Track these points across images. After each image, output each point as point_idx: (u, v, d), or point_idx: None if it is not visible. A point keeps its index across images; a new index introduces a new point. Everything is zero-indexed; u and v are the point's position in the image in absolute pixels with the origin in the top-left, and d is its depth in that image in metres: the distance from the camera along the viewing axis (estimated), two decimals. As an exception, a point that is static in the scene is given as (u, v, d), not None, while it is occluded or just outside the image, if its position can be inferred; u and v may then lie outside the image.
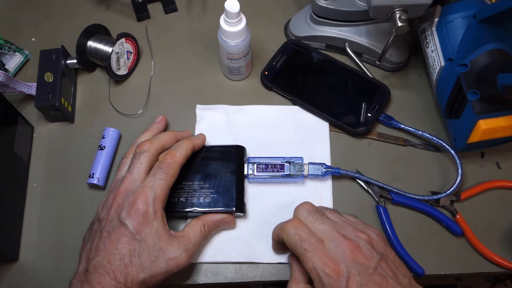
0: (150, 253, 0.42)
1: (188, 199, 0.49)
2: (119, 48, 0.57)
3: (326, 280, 0.39)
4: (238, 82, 0.60)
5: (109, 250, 0.41)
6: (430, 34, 0.54)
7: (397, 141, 0.56)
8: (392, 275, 0.40)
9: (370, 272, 0.39)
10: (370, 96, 0.57)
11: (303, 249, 0.40)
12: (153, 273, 0.41)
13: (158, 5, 0.66)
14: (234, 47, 0.53)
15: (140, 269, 0.41)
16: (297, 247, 0.41)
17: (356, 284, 0.38)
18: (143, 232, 0.42)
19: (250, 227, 0.51)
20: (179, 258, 0.43)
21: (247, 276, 0.50)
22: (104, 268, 0.40)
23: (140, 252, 0.41)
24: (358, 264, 0.39)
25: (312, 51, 0.61)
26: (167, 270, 0.42)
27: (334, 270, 0.39)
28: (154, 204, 0.43)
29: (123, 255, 0.41)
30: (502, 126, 0.48)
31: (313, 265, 0.40)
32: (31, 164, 0.55)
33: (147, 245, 0.42)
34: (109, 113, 0.58)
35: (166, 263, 0.42)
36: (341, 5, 0.56)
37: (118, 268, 0.40)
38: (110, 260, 0.41)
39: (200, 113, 0.57)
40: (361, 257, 0.40)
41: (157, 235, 0.42)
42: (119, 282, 0.40)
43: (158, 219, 0.43)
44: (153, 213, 0.43)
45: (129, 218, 0.42)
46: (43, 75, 0.54)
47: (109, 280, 0.39)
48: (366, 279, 0.39)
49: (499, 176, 0.55)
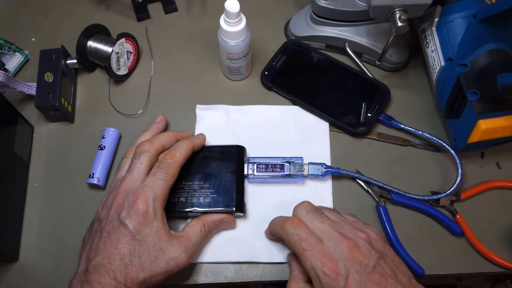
0: (150, 253, 0.42)
1: (188, 199, 0.49)
2: (119, 48, 0.57)
3: (325, 279, 0.39)
4: (238, 82, 0.60)
5: (109, 250, 0.41)
6: (430, 34, 0.54)
7: (397, 141, 0.56)
8: (392, 274, 0.40)
9: (369, 270, 0.39)
10: (370, 96, 0.57)
11: (302, 248, 0.40)
12: (153, 273, 0.41)
13: (158, 5, 0.66)
14: (234, 47, 0.53)
15: (140, 269, 0.41)
16: (296, 246, 0.41)
17: (355, 283, 0.38)
18: (143, 232, 0.42)
19: (250, 227, 0.51)
20: (179, 258, 0.43)
21: (247, 276, 0.50)
22: (104, 268, 0.40)
23: (140, 252, 0.41)
24: (357, 263, 0.39)
25: (312, 51, 0.61)
26: (167, 270, 0.42)
27: (332, 269, 0.39)
28: (154, 204, 0.43)
29: (123, 255, 0.41)
30: (502, 126, 0.48)
31: (311, 264, 0.40)
32: (31, 164, 0.55)
33: (147, 245, 0.42)
34: (109, 113, 0.58)
35: (166, 263, 0.42)
36: (341, 5, 0.56)
37: (118, 268, 0.40)
38: (110, 260, 0.41)
39: (200, 113, 0.57)
40: (360, 255, 0.40)
41: (157, 235, 0.42)
42: (119, 282, 0.40)
43: (158, 219, 0.43)
44: (153, 213, 0.43)
45: (129, 218, 0.42)
46: (43, 75, 0.54)
47: (109, 280, 0.39)
48: (365, 277, 0.39)
49: (499, 176, 0.55)
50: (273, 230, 0.46)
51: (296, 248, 0.41)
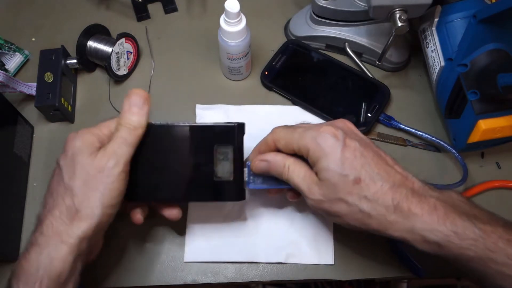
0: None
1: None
2: (119, 48, 0.57)
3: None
4: (238, 82, 0.60)
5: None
6: (430, 34, 0.54)
7: (397, 141, 0.56)
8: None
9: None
10: (370, 96, 0.57)
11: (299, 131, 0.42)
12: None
13: (158, 5, 0.66)
14: (234, 47, 0.53)
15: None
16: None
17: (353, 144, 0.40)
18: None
19: (250, 227, 0.51)
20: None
21: (247, 276, 0.50)
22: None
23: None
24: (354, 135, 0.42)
25: (312, 51, 0.61)
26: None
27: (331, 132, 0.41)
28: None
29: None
30: (502, 126, 0.48)
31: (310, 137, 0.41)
32: (31, 164, 0.55)
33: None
34: (109, 113, 0.58)
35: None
36: (341, 5, 0.56)
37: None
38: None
39: (200, 113, 0.57)
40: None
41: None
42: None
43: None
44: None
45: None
46: (43, 75, 0.54)
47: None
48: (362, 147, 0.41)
49: (499, 176, 0.55)
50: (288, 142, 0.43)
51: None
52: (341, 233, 0.50)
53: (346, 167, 0.39)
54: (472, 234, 0.36)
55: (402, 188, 0.39)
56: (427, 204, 0.38)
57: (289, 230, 0.51)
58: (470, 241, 0.36)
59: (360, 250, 0.50)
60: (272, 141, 0.44)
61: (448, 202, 0.39)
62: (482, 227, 0.37)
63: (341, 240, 0.50)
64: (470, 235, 0.36)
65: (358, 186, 0.39)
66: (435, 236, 0.37)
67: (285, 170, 0.42)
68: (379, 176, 0.39)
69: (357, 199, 0.39)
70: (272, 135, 0.44)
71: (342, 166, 0.39)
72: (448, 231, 0.37)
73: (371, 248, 0.50)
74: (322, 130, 0.41)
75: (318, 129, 0.41)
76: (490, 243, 0.36)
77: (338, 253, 0.50)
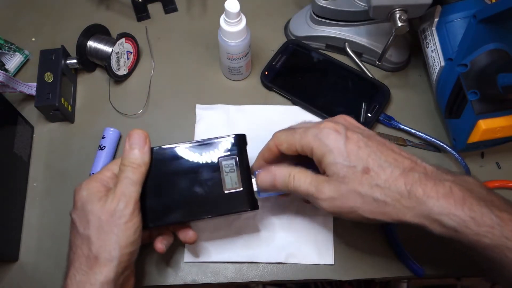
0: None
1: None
2: (119, 48, 0.57)
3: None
4: (238, 82, 0.60)
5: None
6: (430, 34, 0.54)
7: (397, 141, 0.56)
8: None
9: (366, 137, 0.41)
10: (370, 96, 0.57)
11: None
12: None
13: (158, 5, 0.66)
14: (234, 47, 0.53)
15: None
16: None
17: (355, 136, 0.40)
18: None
19: (250, 227, 0.51)
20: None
21: (247, 276, 0.50)
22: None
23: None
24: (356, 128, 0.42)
25: (312, 51, 0.61)
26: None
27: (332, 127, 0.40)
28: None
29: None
30: (502, 126, 0.48)
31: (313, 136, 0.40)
32: (31, 164, 0.55)
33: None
34: (109, 113, 0.58)
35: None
36: (341, 5, 0.56)
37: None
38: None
39: (200, 113, 0.57)
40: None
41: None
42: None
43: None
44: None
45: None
46: (43, 75, 0.54)
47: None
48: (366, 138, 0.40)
49: (499, 176, 0.55)
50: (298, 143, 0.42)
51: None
52: (341, 233, 0.50)
53: (352, 159, 0.39)
54: (489, 220, 0.35)
55: (414, 173, 0.38)
56: (443, 187, 0.37)
57: (289, 230, 0.51)
58: (487, 228, 0.35)
59: (360, 250, 0.50)
60: (275, 146, 0.44)
61: (464, 186, 0.37)
62: (499, 214, 0.35)
63: (341, 240, 0.50)
64: (487, 221, 0.35)
65: (368, 176, 0.38)
66: (452, 221, 0.36)
67: (291, 179, 0.42)
68: (388, 163, 0.38)
69: (368, 188, 0.38)
70: (274, 139, 0.44)
71: (348, 158, 0.39)
72: (465, 216, 0.35)
73: (371, 248, 0.50)
74: (323, 126, 0.40)
75: (318, 126, 0.41)
76: (507, 231, 0.35)
77: (338, 253, 0.50)
